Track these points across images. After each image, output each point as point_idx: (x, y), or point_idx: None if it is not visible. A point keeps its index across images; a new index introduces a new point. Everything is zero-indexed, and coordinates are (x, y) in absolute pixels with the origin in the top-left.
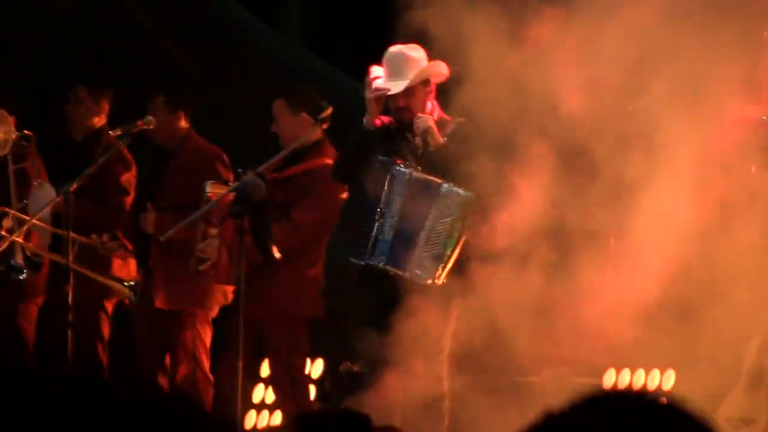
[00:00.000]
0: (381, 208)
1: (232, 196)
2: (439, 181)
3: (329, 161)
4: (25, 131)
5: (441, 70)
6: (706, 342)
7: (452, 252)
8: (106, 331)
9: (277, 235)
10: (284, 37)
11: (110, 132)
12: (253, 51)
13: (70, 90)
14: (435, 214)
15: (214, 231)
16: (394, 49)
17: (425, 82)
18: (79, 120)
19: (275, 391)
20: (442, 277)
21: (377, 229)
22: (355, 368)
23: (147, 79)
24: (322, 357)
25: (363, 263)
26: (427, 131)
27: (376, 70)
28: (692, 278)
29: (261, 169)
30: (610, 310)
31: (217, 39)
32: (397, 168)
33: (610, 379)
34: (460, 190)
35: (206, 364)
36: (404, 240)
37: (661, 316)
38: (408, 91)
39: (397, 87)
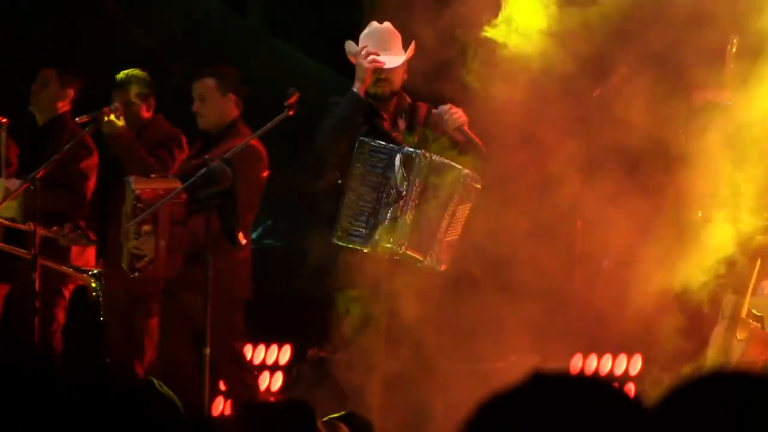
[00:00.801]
0: (397, 191)
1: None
2: (460, 166)
3: (255, 143)
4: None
5: (412, 51)
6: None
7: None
8: (62, 317)
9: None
10: (247, 20)
11: (76, 119)
12: (216, 35)
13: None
14: (457, 199)
15: (147, 227)
16: (378, 24)
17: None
18: (43, 102)
19: (222, 378)
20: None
21: (392, 212)
22: (323, 354)
23: (114, 67)
24: (289, 343)
25: (364, 248)
26: (461, 127)
27: (351, 44)
28: None
29: (227, 155)
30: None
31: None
32: (412, 150)
33: (576, 365)
34: (476, 176)
35: None
36: (426, 225)
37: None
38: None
39: (393, 61)
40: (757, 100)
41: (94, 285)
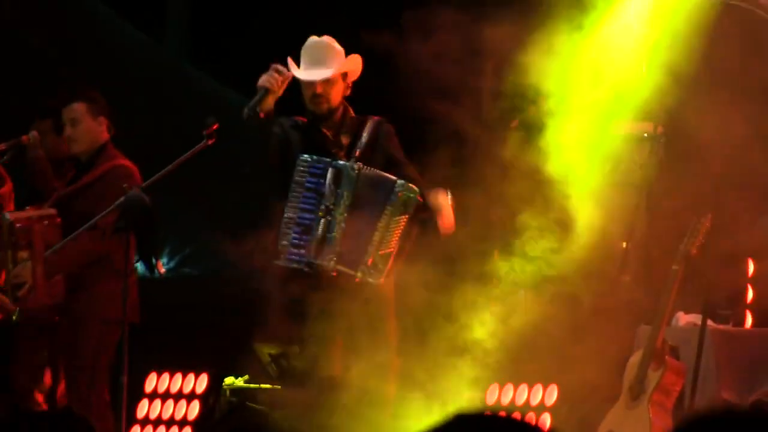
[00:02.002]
0: (326, 205)
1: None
2: (393, 177)
3: (122, 161)
4: None
5: (359, 66)
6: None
7: (402, 246)
8: None
9: (86, 244)
10: (167, 50)
11: None
12: (136, 65)
13: None
14: (389, 212)
15: (24, 254)
16: (316, 38)
17: (344, 76)
18: None
19: (68, 394)
20: (387, 274)
21: (322, 227)
22: (239, 382)
23: (30, 95)
24: (206, 371)
25: (298, 266)
26: (441, 210)
27: (292, 64)
28: None
29: (145, 184)
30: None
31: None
32: (342, 163)
33: (492, 395)
34: (413, 186)
35: None
36: (357, 239)
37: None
38: (328, 80)
39: (319, 74)
40: None
41: (13, 309)
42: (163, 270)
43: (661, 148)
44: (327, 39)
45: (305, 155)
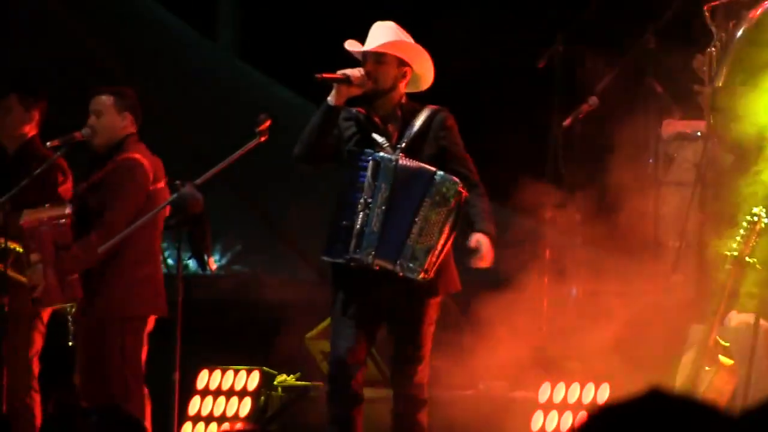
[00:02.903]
0: (365, 199)
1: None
2: (433, 168)
3: (133, 155)
4: None
5: (424, 63)
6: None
7: (445, 245)
8: (39, 343)
9: (95, 240)
10: (219, 47)
11: (48, 143)
12: (187, 61)
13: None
14: (428, 203)
15: (35, 257)
16: (380, 22)
17: (401, 62)
18: (9, 129)
19: (106, 398)
20: (432, 271)
21: (361, 221)
22: (290, 380)
23: (81, 91)
24: (257, 369)
25: (342, 260)
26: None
27: (351, 44)
28: None
29: (198, 181)
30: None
31: (153, 50)
32: (381, 155)
33: (545, 394)
34: (455, 179)
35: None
36: (394, 232)
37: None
38: (379, 58)
39: (360, 47)
40: None
41: (70, 308)
42: (214, 267)
43: (715, 146)
44: (390, 23)
45: (351, 147)
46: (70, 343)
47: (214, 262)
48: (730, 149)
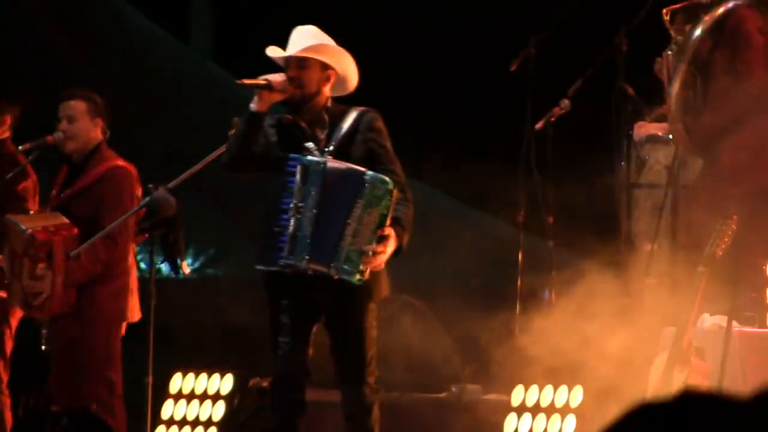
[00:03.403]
0: (296, 203)
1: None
2: (362, 168)
3: (118, 162)
4: None
5: (348, 65)
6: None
7: (379, 244)
8: (8, 348)
9: (101, 253)
10: (192, 49)
11: (19, 147)
12: (158, 63)
13: None
14: (360, 204)
15: (42, 266)
16: (301, 26)
17: (324, 66)
18: None
19: (94, 404)
20: (367, 272)
21: (293, 226)
22: (264, 384)
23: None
24: (231, 372)
25: (277, 268)
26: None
27: (273, 50)
28: None
29: (171, 184)
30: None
31: (122, 52)
32: (309, 158)
33: (518, 396)
34: (387, 178)
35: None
36: (327, 235)
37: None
38: (302, 63)
39: (279, 53)
40: None
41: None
42: (188, 270)
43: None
44: (311, 27)
45: (281, 153)
46: (43, 347)
47: (187, 266)
48: (695, 153)
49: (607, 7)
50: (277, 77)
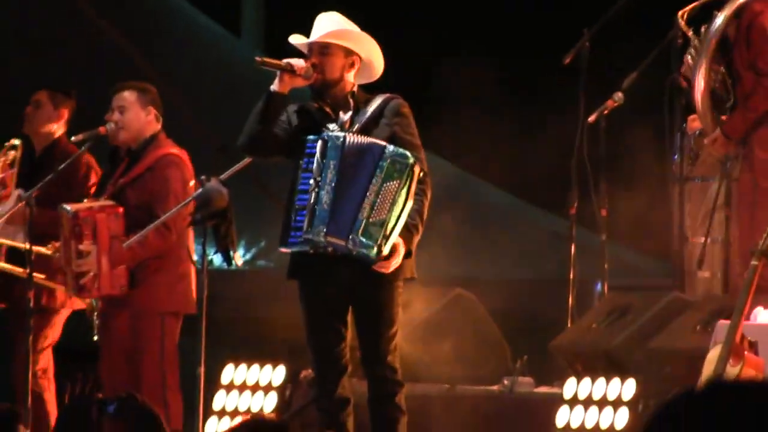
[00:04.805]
0: (315, 179)
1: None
2: (383, 143)
3: (171, 150)
4: (13, 140)
5: (372, 50)
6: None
7: (398, 220)
8: (54, 338)
9: (153, 241)
10: (243, 42)
11: (72, 138)
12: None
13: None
14: (380, 177)
15: (87, 244)
16: (324, 14)
17: (348, 52)
18: (37, 125)
19: (147, 395)
20: (386, 247)
21: (312, 200)
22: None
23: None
24: (283, 363)
25: (297, 248)
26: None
27: (296, 37)
28: None
29: (223, 176)
30: None
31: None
32: (329, 133)
33: (570, 389)
34: (408, 153)
35: None
36: (345, 208)
37: None
38: (324, 49)
39: (302, 39)
40: None
41: (92, 304)
42: (240, 262)
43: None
44: (334, 13)
45: (301, 138)
46: (95, 338)
47: (239, 257)
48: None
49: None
50: (300, 62)
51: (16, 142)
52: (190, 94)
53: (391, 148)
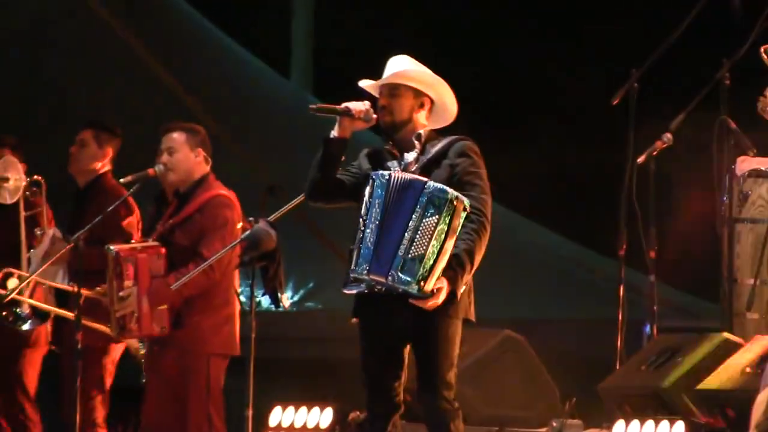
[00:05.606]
0: (362, 218)
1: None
2: (424, 179)
3: (220, 191)
4: (35, 177)
5: (444, 93)
6: None
7: (439, 256)
8: (108, 383)
9: (198, 278)
10: (292, 84)
11: (121, 180)
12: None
13: (77, 133)
14: (419, 213)
15: (129, 283)
16: (395, 57)
17: (417, 93)
18: (82, 163)
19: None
20: (430, 283)
21: (359, 239)
22: (364, 417)
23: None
24: (331, 405)
25: (351, 288)
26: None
27: (365, 82)
28: None
29: (272, 217)
30: None
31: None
32: (377, 172)
33: (619, 430)
34: (448, 189)
35: None
36: (387, 245)
37: None
38: (393, 90)
39: (371, 82)
40: None
41: (139, 346)
42: (288, 303)
43: None
44: (404, 56)
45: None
46: (143, 380)
47: (287, 299)
48: None
49: (710, 40)
50: (358, 105)
51: (38, 178)
52: (239, 132)
53: (431, 183)
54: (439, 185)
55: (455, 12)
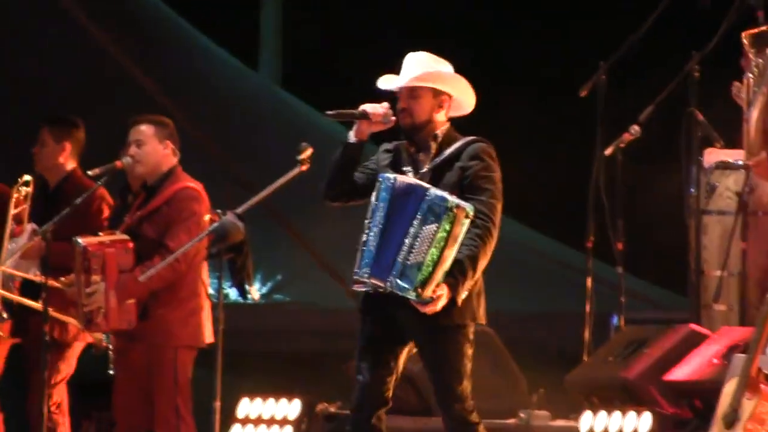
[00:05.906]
0: (367, 220)
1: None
2: (427, 185)
3: (188, 183)
4: (25, 176)
5: (462, 89)
6: None
7: (438, 263)
8: (68, 373)
9: (164, 272)
10: (260, 76)
11: (88, 173)
12: (229, 90)
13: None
14: (419, 220)
15: (97, 278)
16: (413, 53)
17: (437, 92)
18: (44, 161)
19: (161, 429)
20: (428, 290)
21: (362, 241)
22: (332, 409)
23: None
24: (299, 397)
25: (354, 286)
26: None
27: (385, 80)
28: None
29: (240, 210)
30: None
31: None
32: (384, 175)
33: (586, 423)
34: (449, 197)
35: None
36: (387, 249)
37: None
38: (412, 92)
39: (390, 84)
40: None
41: (102, 337)
42: (256, 296)
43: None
44: (422, 53)
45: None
46: (111, 372)
47: (255, 291)
48: None
49: (679, 33)
50: (377, 108)
51: (28, 177)
52: (206, 125)
53: (432, 191)
54: (440, 193)
55: (426, 4)
